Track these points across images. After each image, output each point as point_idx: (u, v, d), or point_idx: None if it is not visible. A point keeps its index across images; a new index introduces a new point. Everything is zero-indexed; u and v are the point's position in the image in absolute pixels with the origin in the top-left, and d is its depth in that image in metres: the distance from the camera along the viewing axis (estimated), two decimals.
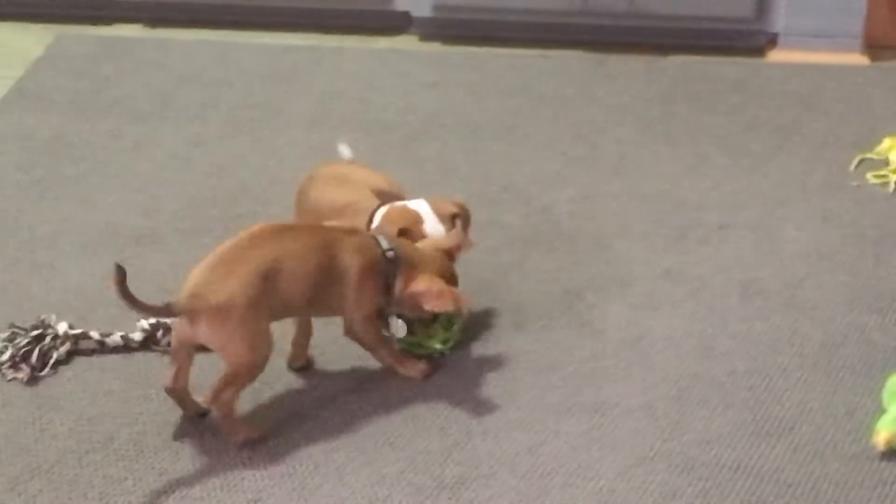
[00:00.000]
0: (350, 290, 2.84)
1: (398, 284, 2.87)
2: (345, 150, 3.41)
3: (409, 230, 3.03)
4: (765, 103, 4.18)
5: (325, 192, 3.20)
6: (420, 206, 3.07)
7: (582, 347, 3.09)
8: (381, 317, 2.98)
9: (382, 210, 3.07)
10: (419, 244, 2.96)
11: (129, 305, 2.66)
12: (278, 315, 2.83)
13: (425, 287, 2.85)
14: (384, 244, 2.87)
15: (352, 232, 2.89)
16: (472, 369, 3.02)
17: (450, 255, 2.97)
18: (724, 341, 3.09)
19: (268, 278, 2.74)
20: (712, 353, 3.05)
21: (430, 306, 2.87)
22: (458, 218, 3.09)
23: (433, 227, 3.05)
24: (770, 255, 3.40)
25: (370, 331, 2.94)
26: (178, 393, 2.86)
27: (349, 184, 3.21)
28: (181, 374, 2.84)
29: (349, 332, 2.95)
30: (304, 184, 3.28)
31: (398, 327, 3.00)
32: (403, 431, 2.85)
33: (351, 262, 2.83)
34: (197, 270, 2.76)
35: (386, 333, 3.01)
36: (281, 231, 2.84)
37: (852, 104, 4.18)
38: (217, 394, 2.77)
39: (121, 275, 2.62)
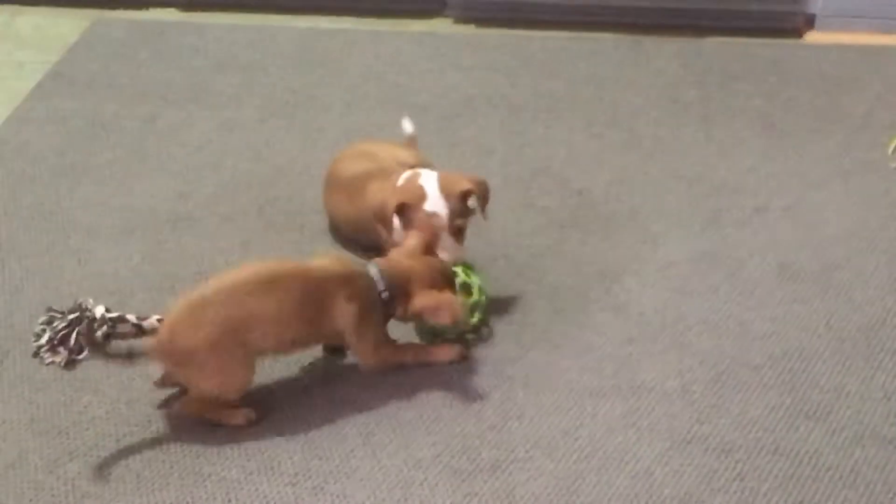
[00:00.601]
0: (351, 334, 2.87)
1: (399, 311, 2.91)
2: (407, 126, 3.44)
3: (408, 206, 3.06)
4: (802, 85, 4.15)
5: (350, 166, 3.29)
6: (429, 181, 3.09)
7: (618, 330, 3.08)
8: None
9: (405, 175, 3.15)
10: (399, 258, 2.95)
11: (103, 359, 2.80)
12: (273, 350, 2.86)
13: (422, 305, 2.87)
14: (379, 285, 2.87)
15: (342, 282, 2.86)
16: (508, 353, 3.02)
17: (428, 250, 2.98)
18: (761, 324, 3.08)
19: (237, 332, 2.75)
20: (749, 336, 3.04)
21: (434, 321, 2.91)
22: (471, 195, 3.10)
23: (433, 206, 3.06)
24: (807, 238, 3.38)
25: (384, 356, 2.95)
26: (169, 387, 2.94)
27: (374, 159, 3.28)
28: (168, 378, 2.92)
29: (365, 367, 2.95)
30: (333, 162, 3.36)
31: None
32: (440, 415, 2.85)
33: (345, 310, 2.84)
34: (173, 311, 2.79)
35: None
36: (266, 282, 2.81)
37: (890, 85, 4.14)
38: (184, 406, 2.86)
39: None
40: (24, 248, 3.45)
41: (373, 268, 2.90)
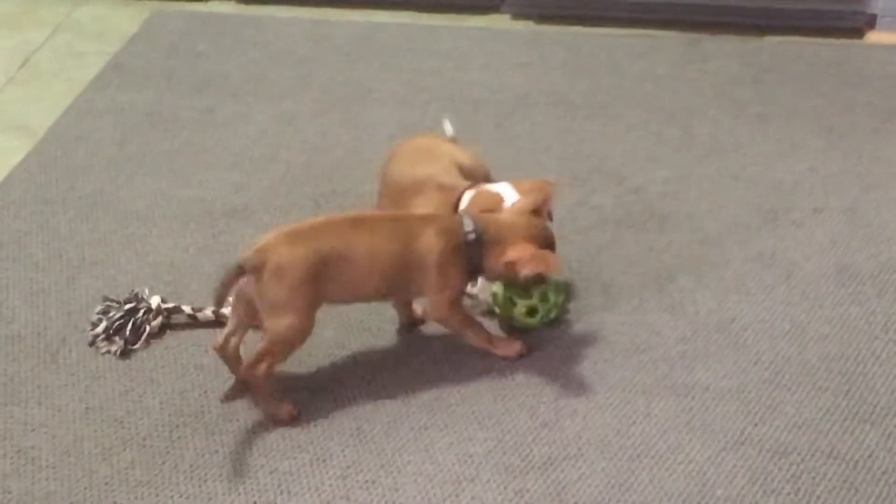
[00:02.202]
0: (431, 276, 2.85)
1: (488, 260, 2.87)
2: (448, 127, 3.41)
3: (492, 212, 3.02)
4: (862, 85, 4.11)
5: (408, 167, 3.22)
6: (502, 188, 3.06)
7: (673, 329, 3.07)
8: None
9: (469, 193, 3.08)
10: (502, 214, 2.95)
11: (219, 299, 2.79)
12: (344, 299, 2.89)
13: (517, 255, 2.85)
14: (466, 226, 2.86)
15: (430, 219, 2.89)
16: (562, 350, 3.01)
17: (537, 213, 2.96)
18: (818, 326, 3.06)
19: (330, 263, 2.77)
20: (805, 338, 3.02)
21: (526, 271, 2.85)
22: (548, 203, 3.08)
23: None
24: (865, 239, 3.35)
25: (455, 314, 2.94)
26: (228, 354, 2.91)
27: (432, 159, 3.22)
28: (233, 335, 2.89)
29: (433, 314, 2.95)
30: (388, 157, 3.30)
31: (481, 287, 3.04)
32: (492, 411, 2.85)
33: (430, 248, 2.83)
34: (271, 233, 2.82)
35: (471, 291, 3.05)
36: (361, 221, 2.86)
37: None
38: (252, 365, 2.82)
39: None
40: (82, 238, 3.48)
41: (465, 216, 2.90)
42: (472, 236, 2.85)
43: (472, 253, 2.86)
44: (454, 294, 2.91)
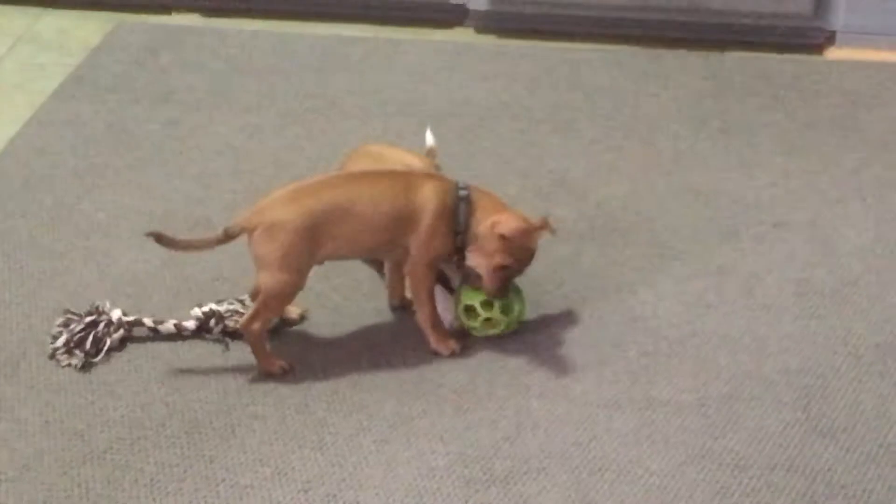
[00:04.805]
0: (421, 231, 2.94)
1: (474, 222, 2.95)
2: (429, 137, 3.44)
3: None
4: (822, 101, 4.14)
5: (356, 166, 3.26)
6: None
7: (634, 343, 3.08)
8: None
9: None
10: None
11: (180, 248, 2.95)
12: (336, 255, 2.98)
13: (502, 217, 2.94)
14: (460, 186, 2.97)
15: (429, 176, 3.01)
16: (523, 363, 3.02)
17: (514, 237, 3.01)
18: (778, 340, 3.07)
19: (331, 218, 2.89)
20: (765, 352, 3.04)
21: (509, 232, 2.92)
22: None
23: None
24: (825, 254, 3.37)
25: (426, 280, 3.01)
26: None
27: (384, 162, 3.25)
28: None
29: (408, 269, 3.01)
30: (342, 161, 3.36)
31: (455, 279, 3.10)
32: (454, 425, 2.85)
33: (426, 205, 2.94)
34: (271, 194, 2.96)
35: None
36: (366, 175, 3.00)
37: None
38: (248, 322, 2.94)
39: (156, 237, 2.91)
40: (42, 250, 3.46)
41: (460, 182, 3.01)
42: (463, 192, 2.95)
43: (460, 213, 2.95)
44: (435, 255, 2.98)
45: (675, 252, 3.41)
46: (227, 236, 2.93)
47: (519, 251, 2.96)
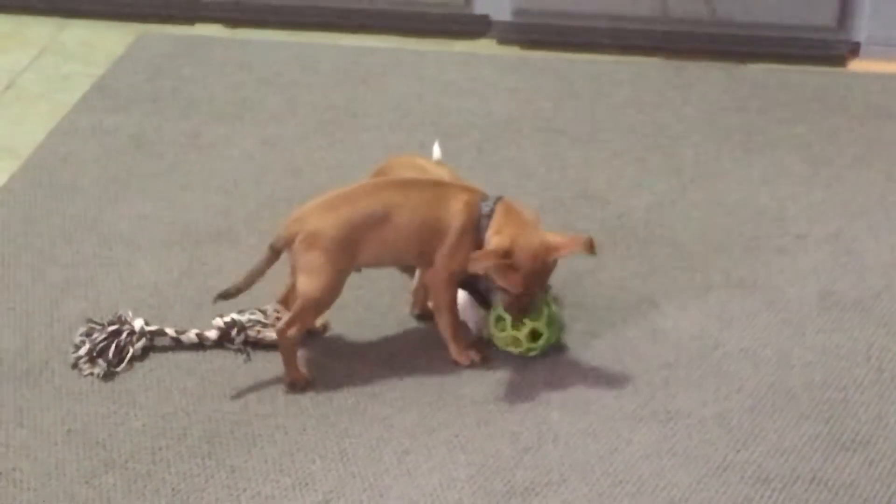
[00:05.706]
0: (447, 243, 2.96)
1: (490, 240, 2.94)
2: (437, 150, 3.44)
3: None
4: (845, 113, 4.13)
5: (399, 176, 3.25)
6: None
7: (656, 356, 3.07)
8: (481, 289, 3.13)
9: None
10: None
11: (245, 288, 2.99)
12: (373, 262, 3.02)
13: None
14: (486, 200, 2.98)
15: (465, 189, 3.02)
16: (545, 375, 3.02)
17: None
18: (800, 353, 3.06)
19: (367, 225, 2.93)
20: (788, 365, 3.02)
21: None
22: None
23: None
24: (848, 267, 3.36)
25: (446, 291, 3.02)
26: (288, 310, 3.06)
27: (426, 175, 3.23)
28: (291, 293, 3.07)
29: (429, 279, 3.03)
30: (378, 170, 3.33)
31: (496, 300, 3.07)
32: (475, 436, 2.85)
33: (454, 220, 2.95)
34: (308, 203, 3.00)
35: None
36: (402, 184, 3.02)
37: None
38: (285, 328, 2.96)
39: (223, 296, 2.99)
40: (65, 259, 3.47)
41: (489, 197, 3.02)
42: (487, 208, 2.96)
43: (482, 229, 2.96)
44: (457, 268, 2.98)
45: (697, 264, 3.40)
46: (275, 252, 2.96)
47: (530, 274, 2.93)
